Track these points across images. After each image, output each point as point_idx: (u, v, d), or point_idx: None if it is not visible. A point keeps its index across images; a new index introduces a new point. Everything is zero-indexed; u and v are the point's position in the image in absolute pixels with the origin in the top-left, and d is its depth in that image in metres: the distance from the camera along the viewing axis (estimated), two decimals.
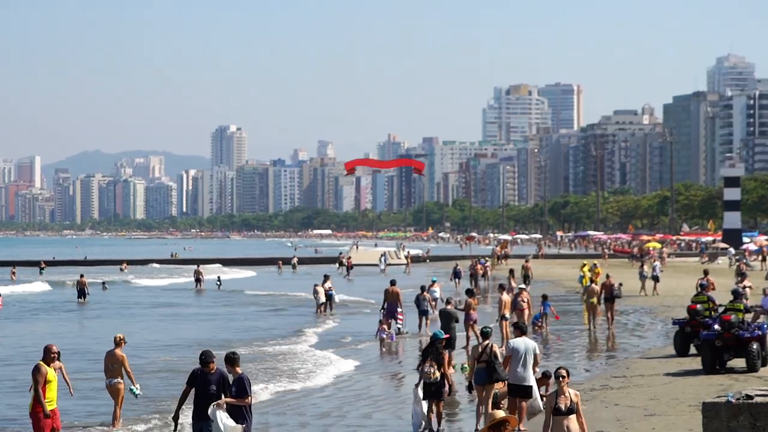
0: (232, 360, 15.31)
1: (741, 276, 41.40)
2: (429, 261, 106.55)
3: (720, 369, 24.88)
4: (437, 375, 19.04)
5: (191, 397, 15.46)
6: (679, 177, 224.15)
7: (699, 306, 28.18)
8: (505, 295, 33.33)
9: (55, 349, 16.97)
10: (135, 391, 19.43)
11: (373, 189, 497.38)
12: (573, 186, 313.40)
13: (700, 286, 31.62)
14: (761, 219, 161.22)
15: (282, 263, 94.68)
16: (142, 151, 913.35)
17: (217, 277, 71.14)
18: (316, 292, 45.99)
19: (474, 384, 19.36)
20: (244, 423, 15.14)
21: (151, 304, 54.05)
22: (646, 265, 57.68)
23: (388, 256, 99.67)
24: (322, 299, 45.75)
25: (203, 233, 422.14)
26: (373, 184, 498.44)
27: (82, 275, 59.12)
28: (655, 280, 53.80)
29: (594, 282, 42.52)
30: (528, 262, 64.07)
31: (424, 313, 36.77)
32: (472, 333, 30.96)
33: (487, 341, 19.20)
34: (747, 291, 37.58)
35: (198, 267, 71.55)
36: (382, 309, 36.75)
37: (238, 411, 15.15)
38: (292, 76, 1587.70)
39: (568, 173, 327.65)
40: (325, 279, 47.15)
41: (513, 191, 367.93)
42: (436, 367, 19.04)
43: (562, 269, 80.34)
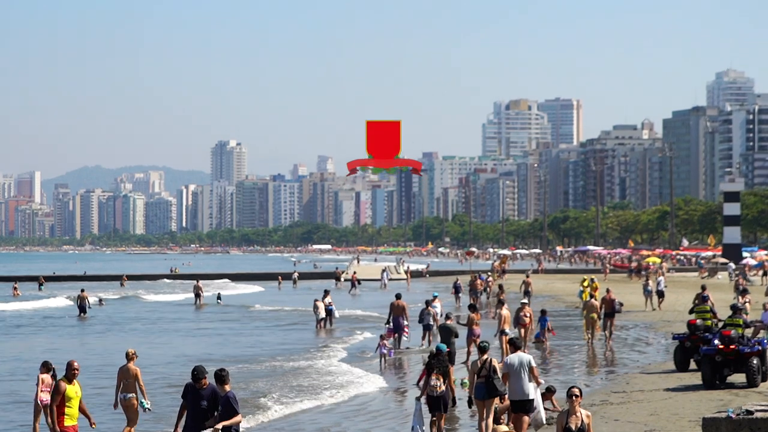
0: (221, 378, 15.25)
1: (742, 293, 41.23)
2: (429, 276, 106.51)
3: (720, 384, 24.88)
4: (443, 388, 19.04)
5: None
6: (679, 192, 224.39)
7: (699, 321, 28.17)
8: (504, 310, 33.28)
9: (76, 365, 16.94)
10: (146, 405, 19.47)
11: (373, 204, 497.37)
12: (573, 201, 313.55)
13: (702, 298, 31.26)
14: (761, 234, 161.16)
15: (282, 278, 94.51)
16: (142, 166, 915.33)
17: (218, 293, 70.84)
18: (316, 307, 45.93)
19: (474, 399, 19.37)
20: None
21: (151, 320, 53.92)
22: (650, 280, 57.62)
23: (389, 271, 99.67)
24: (322, 314, 45.69)
25: (203, 248, 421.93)
26: (373, 199, 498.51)
27: (82, 290, 59.09)
28: (660, 295, 53.77)
29: (594, 297, 42.50)
30: (529, 277, 64.08)
31: (427, 328, 36.79)
32: (473, 348, 30.93)
33: (485, 356, 19.22)
34: (747, 306, 37.56)
35: (197, 282, 70.93)
36: (387, 323, 36.72)
37: (228, 430, 15.10)
38: (292, 91, 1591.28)
39: (567, 188, 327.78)
40: (325, 294, 47.13)
41: (513, 206, 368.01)
42: (443, 380, 19.05)
43: (562, 284, 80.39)
